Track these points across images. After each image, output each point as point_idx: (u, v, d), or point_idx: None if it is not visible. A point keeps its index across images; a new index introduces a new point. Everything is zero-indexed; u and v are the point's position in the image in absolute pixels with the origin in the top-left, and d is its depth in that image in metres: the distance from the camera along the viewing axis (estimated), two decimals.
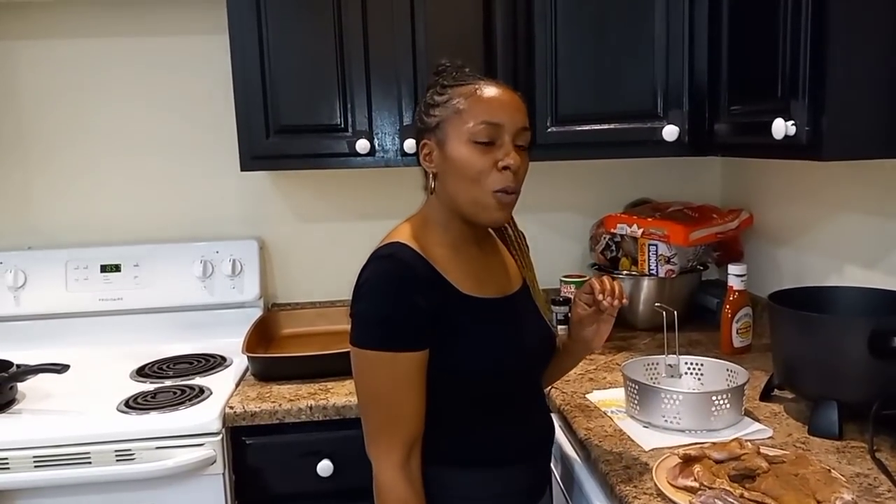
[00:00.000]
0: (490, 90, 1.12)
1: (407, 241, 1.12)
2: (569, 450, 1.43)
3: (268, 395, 1.66)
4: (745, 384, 1.37)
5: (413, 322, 1.07)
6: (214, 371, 1.84)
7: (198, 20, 2.10)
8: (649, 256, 2.01)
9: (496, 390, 1.15)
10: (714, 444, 1.19)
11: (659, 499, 1.11)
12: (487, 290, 1.17)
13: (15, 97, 2.10)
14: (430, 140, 1.14)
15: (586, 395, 1.56)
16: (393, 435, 1.09)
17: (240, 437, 1.61)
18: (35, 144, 2.13)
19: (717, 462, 1.13)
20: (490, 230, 1.25)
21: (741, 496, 1.04)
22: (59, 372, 1.65)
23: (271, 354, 1.87)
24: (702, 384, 1.49)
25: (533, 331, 1.24)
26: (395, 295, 1.07)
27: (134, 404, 1.64)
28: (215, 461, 1.56)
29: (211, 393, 1.68)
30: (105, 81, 2.12)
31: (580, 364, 1.75)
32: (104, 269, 2.08)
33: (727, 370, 1.46)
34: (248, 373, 1.80)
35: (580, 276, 2.07)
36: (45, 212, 2.15)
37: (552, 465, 1.49)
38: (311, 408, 1.60)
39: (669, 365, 1.51)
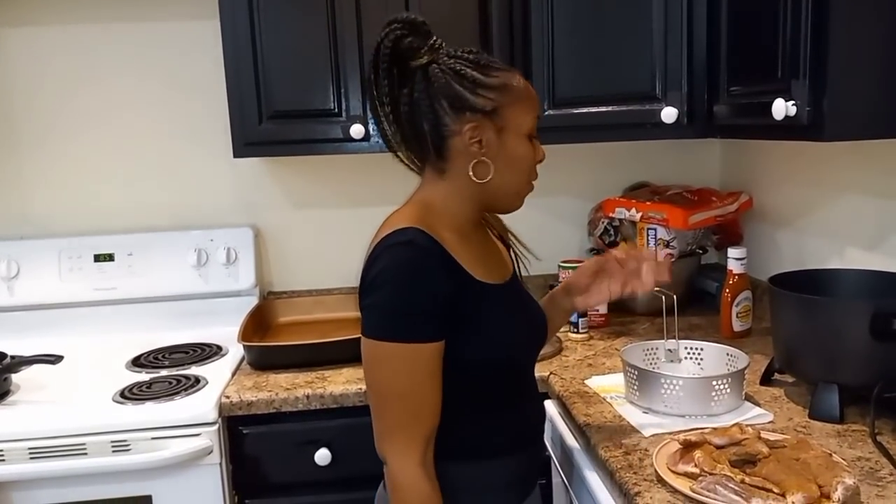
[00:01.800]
0: (525, 82, 1.11)
1: (419, 226, 1.05)
2: (568, 436, 1.42)
3: (264, 384, 1.65)
4: (745, 368, 1.36)
5: (435, 311, 1.01)
6: (210, 360, 1.83)
7: (190, 5, 2.06)
8: (648, 240, 1.99)
9: (501, 378, 1.13)
10: (714, 429, 1.18)
11: (659, 485, 1.10)
12: (493, 275, 1.13)
13: (5, 85, 2.07)
14: (482, 122, 1.05)
15: (585, 381, 1.55)
16: (413, 431, 1.03)
17: (236, 426, 1.60)
18: (26, 133, 2.10)
19: (718, 447, 1.12)
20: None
21: (742, 482, 1.03)
22: (53, 363, 1.64)
23: (267, 343, 1.86)
24: (702, 369, 1.48)
25: (533, 315, 1.23)
26: (417, 284, 1.01)
27: (129, 394, 1.63)
28: (212, 451, 1.55)
29: (207, 382, 1.67)
30: (96, 68, 2.09)
31: (579, 350, 1.77)
32: (98, 258, 2.06)
33: (727, 354, 1.45)
34: (245, 362, 1.79)
35: (578, 261, 2.05)
36: (38, 201, 2.13)
37: (552, 451, 1.48)
38: (308, 396, 1.59)
39: (669, 350, 1.50)
